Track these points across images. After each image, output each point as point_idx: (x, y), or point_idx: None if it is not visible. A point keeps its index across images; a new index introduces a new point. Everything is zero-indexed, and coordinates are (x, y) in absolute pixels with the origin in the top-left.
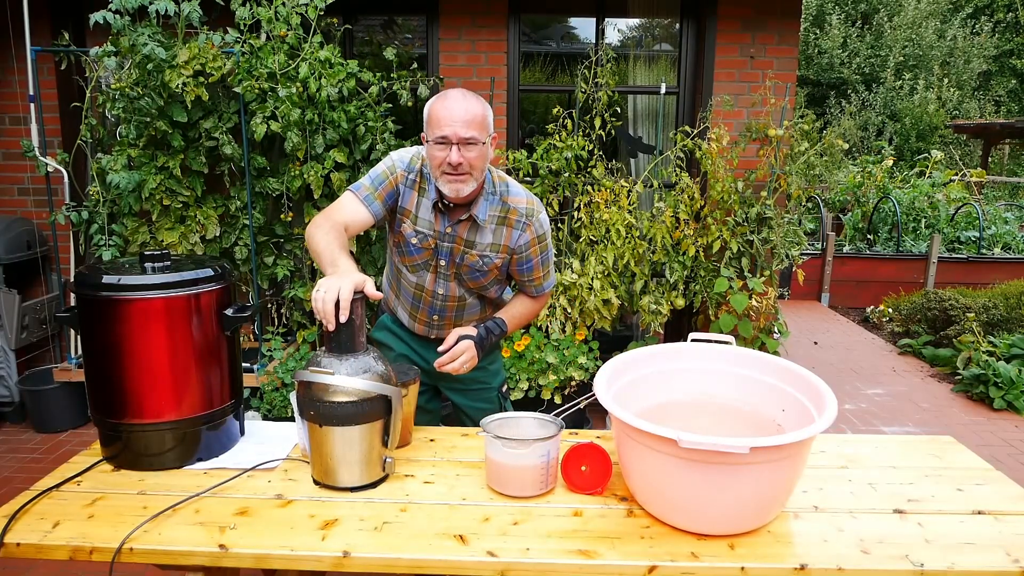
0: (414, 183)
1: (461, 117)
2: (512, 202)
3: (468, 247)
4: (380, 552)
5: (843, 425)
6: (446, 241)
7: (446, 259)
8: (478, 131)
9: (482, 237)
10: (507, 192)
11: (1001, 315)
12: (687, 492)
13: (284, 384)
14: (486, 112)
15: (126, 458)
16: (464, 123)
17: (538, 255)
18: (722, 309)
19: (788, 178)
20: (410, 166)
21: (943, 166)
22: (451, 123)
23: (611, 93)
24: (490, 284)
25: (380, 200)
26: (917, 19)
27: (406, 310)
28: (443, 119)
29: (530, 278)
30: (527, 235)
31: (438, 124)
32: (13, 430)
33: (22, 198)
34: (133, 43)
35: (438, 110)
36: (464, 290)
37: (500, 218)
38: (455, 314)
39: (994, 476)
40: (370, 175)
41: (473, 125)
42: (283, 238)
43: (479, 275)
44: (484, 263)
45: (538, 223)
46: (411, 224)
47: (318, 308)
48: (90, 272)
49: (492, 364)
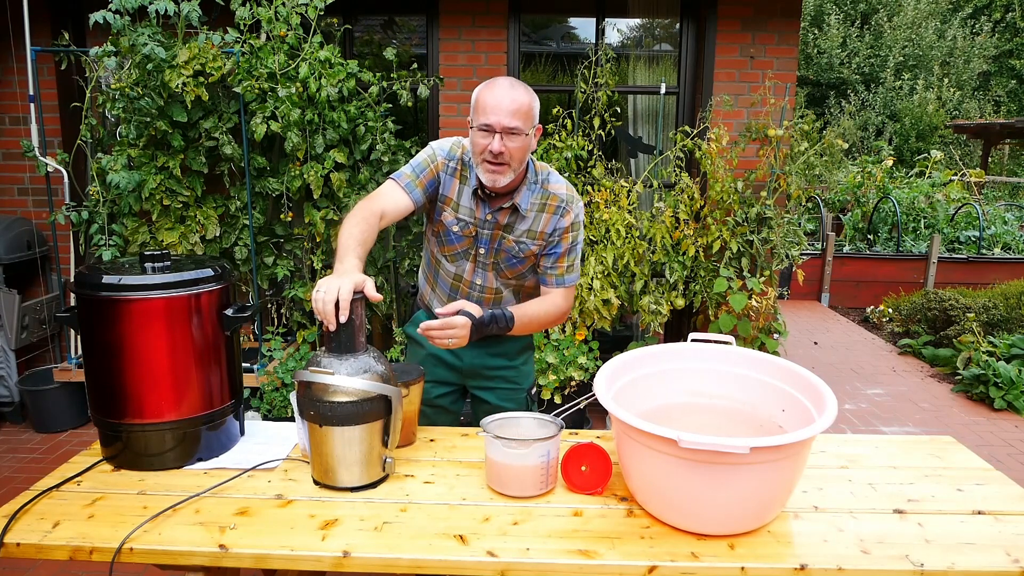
0: (455, 171)
1: (507, 107)
2: (553, 189)
3: (506, 232)
4: (380, 552)
5: (843, 425)
6: (486, 228)
7: (485, 247)
8: (522, 121)
9: (522, 224)
10: (548, 180)
11: (1001, 315)
12: (687, 492)
13: (284, 384)
14: (533, 103)
15: (126, 458)
16: (509, 113)
17: (568, 242)
18: (722, 309)
19: (788, 178)
20: (451, 154)
21: (943, 166)
22: (496, 111)
23: (611, 93)
24: (527, 272)
25: (421, 188)
26: (917, 19)
27: (442, 302)
28: (489, 106)
29: (554, 265)
30: (564, 221)
31: (483, 111)
32: (13, 430)
33: (22, 198)
34: (133, 43)
35: (485, 97)
36: (501, 281)
37: (540, 205)
38: (492, 307)
39: (994, 476)
40: (411, 163)
41: (518, 115)
42: (283, 238)
43: (516, 262)
44: (521, 249)
45: (576, 210)
46: (452, 212)
47: (318, 308)
48: (90, 272)
49: (524, 364)
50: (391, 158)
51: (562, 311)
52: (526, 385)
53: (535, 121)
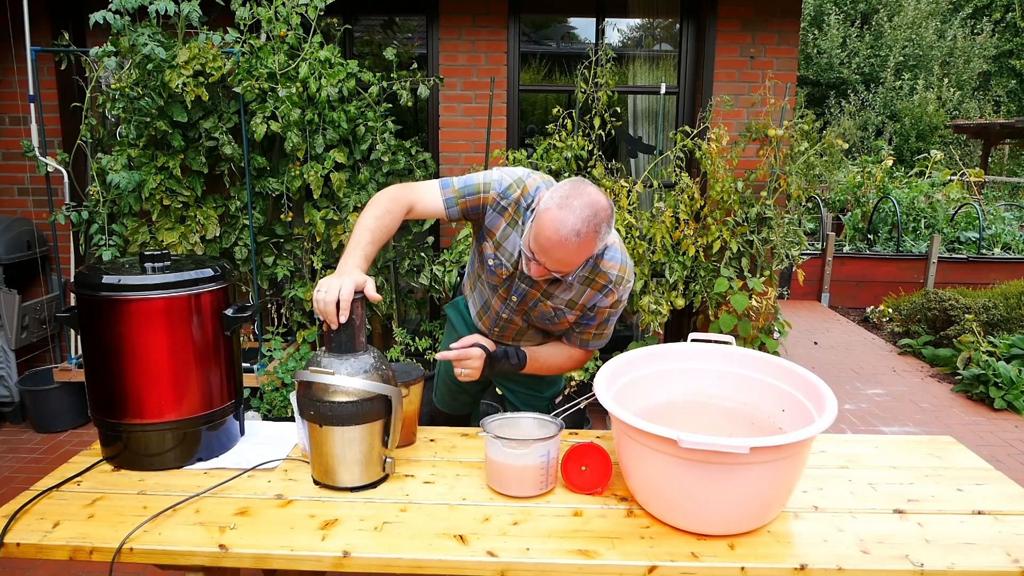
0: (504, 210)
1: (559, 259)
2: (605, 267)
3: (545, 297)
4: (380, 552)
5: (843, 425)
6: (524, 283)
7: (519, 297)
8: (571, 268)
9: (563, 293)
10: (602, 256)
11: (1001, 315)
12: (687, 492)
13: (284, 384)
14: (592, 250)
15: (126, 458)
16: (559, 263)
17: (604, 317)
18: (722, 309)
19: (788, 178)
20: (506, 192)
21: (943, 166)
22: (547, 255)
23: (611, 93)
24: (556, 332)
25: (460, 208)
26: (917, 19)
27: (475, 308)
28: (542, 246)
29: (582, 331)
30: (606, 300)
31: (536, 242)
32: (13, 430)
33: (22, 198)
34: (133, 43)
35: (545, 234)
36: (527, 322)
37: (587, 279)
38: (516, 334)
39: (994, 476)
40: (464, 179)
41: (568, 265)
42: (283, 238)
43: (548, 322)
44: (557, 316)
45: (622, 292)
46: (492, 247)
47: (319, 308)
48: (90, 272)
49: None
50: (391, 158)
51: (577, 363)
52: (549, 393)
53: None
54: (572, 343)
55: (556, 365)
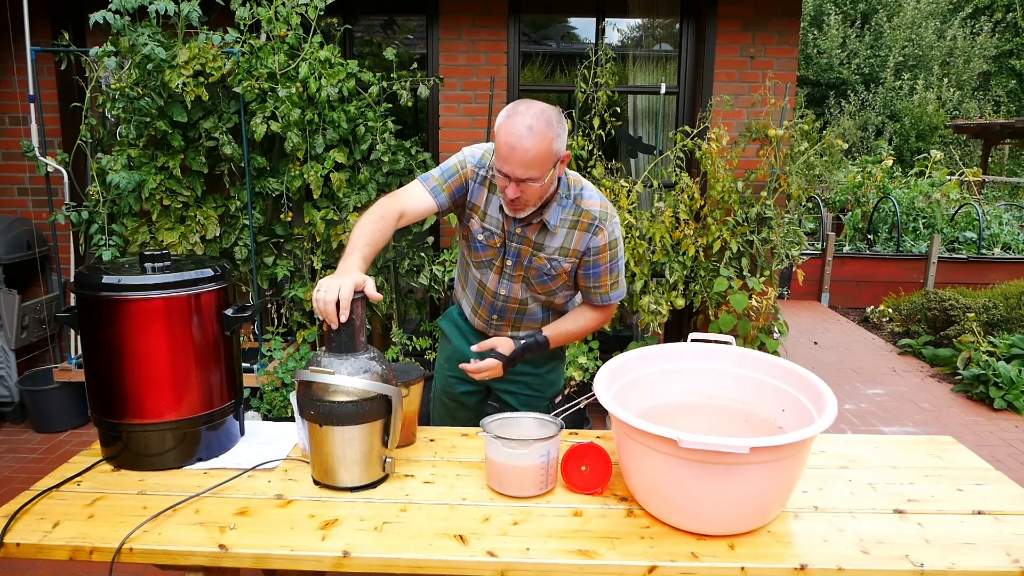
0: (484, 179)
1: (520, 158)
2: (585, 205)
3: (537, 250)
4: (380, 552)
5: (843, 425)
6: (514, 242)
7: (513, 260)
8: (538, 171)
9: (552, 241)
10: (581, 196)
11: (1001, 315)
12: (687, 492)
13: (284, 384)
14: (551, 146)
15: (126, 458)
16: (523, 164)
17: (607, 261)
18: (722, 309)
19: (788, 178)
20: (481, 162)
21: (942, 166)
22: (510, 161)
23: (611, 93)
24: (558, 289)
25: (447, 192)
26: (917, 19)
27: (469, 304)
28: (504, 155)
29: (596, 284)
30: (598, 239)
31: (500, 156)
32: (13, 430)
33: (22, 198)
34: (133, 43)
35: (502, 141)
36: (529, 294)
37: (572, 222)
38: (515, 316)
39: (994, 476)
40: (440, 167)
41: (532, 166)
42: (283, 238)
43: (547, 279)
44: (553, 267)
45: (611, 228)
46: (479, 220)
47: (319, 308)
48: (90, 272)
49: (550, 373)
50: (391, 158)
51: (599, 321)
52: (549, 393)
53: (555, 160)
54: (593, 302)
55: (580, 328)
